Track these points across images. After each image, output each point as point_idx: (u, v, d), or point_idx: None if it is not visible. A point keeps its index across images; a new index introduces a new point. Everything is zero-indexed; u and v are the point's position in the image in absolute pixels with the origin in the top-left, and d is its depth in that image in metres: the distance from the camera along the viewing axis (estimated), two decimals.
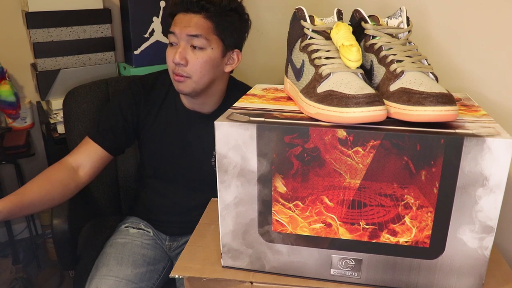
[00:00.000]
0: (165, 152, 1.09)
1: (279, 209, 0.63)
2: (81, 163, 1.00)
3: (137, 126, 1.08)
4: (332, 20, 0.69)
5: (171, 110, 1.08)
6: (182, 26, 0.96)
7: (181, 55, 0.95)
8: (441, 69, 0.73)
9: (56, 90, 1.60)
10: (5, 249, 1.88)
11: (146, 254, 1.07)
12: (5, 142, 1.59)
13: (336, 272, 0.64)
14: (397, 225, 0.60)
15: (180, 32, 0.96)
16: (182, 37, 0.96)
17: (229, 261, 0.68)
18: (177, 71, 0.97)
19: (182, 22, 0.96)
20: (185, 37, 0.95)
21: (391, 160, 0.57)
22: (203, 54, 0.96)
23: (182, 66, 0.96)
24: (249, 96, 0.75)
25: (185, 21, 0.96)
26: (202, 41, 0.96)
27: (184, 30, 0.95)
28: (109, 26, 1.65)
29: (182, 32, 0.95)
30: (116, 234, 1.13)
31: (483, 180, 0.55)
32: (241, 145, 0.61)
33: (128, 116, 1.06)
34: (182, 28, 0.95)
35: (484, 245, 0.58)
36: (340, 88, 0.58)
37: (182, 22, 0.96)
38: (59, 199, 0.96)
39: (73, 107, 1.24)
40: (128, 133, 1.07)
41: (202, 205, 0.88)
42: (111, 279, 0.98)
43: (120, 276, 0.99)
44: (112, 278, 0.98)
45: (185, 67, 0.96)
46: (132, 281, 0.99)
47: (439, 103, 0.55)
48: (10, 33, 1.71)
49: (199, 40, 0.95)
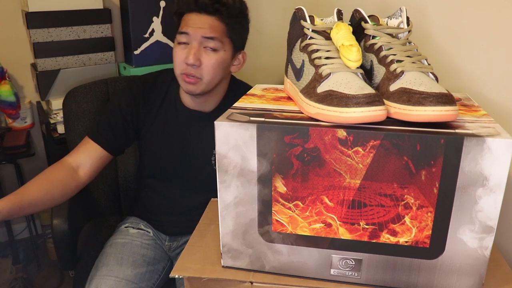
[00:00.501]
0: (165, 152, 1.09)
1: (279, 209, 0.63)
2: (81, 163, 1.00)
3: (137, 126, 1.08)
4: (332, 20, 0.69)
5: (171, 110, 1.08)
6: (196, 27, 0.95)
7: (195, 56, 0.95)
8: (441, 69, 0.73)
9: (56, 90, 1.60)
10: (5, 249, 1.88)
11: (146, 254, 1.07)
12: (5, 142, 1.59)
13: (336, 272, 0.64)
14: (397, 225, 0.60)
15: (194, 33, 0.95)
16: (196, 38, 0.95)
17: (229, 261, 0.68)
18: (189, 72, 0.96)
19: (196, 23, 0.95)
20: (199, 38, 0.95)
21: (391, 160, 0.57)
22: (216, 55, 0.97)
23: (195, 67, 0.96)
24: (249, 96, 0.75)
25: (199, 22, 0.95)
26: (216, 43, 0.96)
27: (198, 31, 0.95)
28: (109, 26, 1.65)
29: (197, 33, 0.95)
30: (116, 234, 1.13)
31: (483, 180, 0.55)
32: (241, 145, 0.61)
33: (128, 116, 1.06)
34: (196, 29, 0.95)
35: (484, 245, 0.58)
36: (340, 88, 0.58)
37: (196, 23, 0.95)
38: (59, 199, 0.96)
39: (73, 107, 1.24)
40: (128, 133, 1.07)
41: (202, 204, 0.88)
42: (111, 279, 0.98)
43: (120, 276, 0.99)
44: (112, 278, 0.98)
45: (198, 68, 0.96)
46: (132, 281, 0.99)
47: (439, 103, 0.55)
48: (10, 33, 1.71)
49: (214, 42, 0.96)
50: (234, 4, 0.97)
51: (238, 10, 0.99)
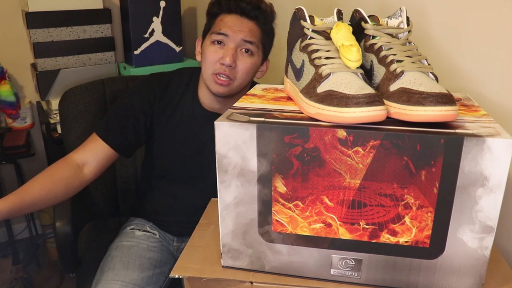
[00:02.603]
0: (179, 153, 1.08)
1: (279, 209, 0.63)
2: (87, 161, 0.99)
3: (150, 126, 1.07)
4: (332, 20, 0.69)
5: (187, 110, 1.07)
6: (236, 29, 0.96)
7: (233, 57, 0.96)
8: (441, 69, 0.73)
9: (56, 90, 1.60)
10: (5, 249, 1.88)
11: (152, 257, 1.06)
12: (5, 142, 1.59)
13: (336, 272, 0.64)
14: (397, 225, 0.60)
15: (234, 35, 0.96)
16: (235, 40, 0.96)
17: (229, 261, 0.68)
18: (224, 72, 0.97)
19: (236, 25, 0.96)
20: (238, 40, 0.96)
21: (391, 160, 0.57)
22: (251, 60, 0.98)
23: (230, 69, 0.97)
24: (249, 96, 0.75)
25: (239, 24, 0.97)
26: (254, 48, 0.98)
27: (239, 33, 0.96)
28: (109, 26, 1.66)
29: (237, 35, 0.96)
30: (121, 236, 1.11)
31: (483, 180, 0.55)
32: (241, 145, 0.61)
33: (141, 116, 1.04)
34: (237, 31, 0.96)
35: (484, 245, 0.58)
36: (340, 88, 0.58)
37: (236, 25, 0.96)
38: (62, 197, 0.95)
39: (70, 108, 1.23)
40: (138, 133, 1.05)
41: None
42: (117, 283, 0.96)
43: (127, 281, 0.97)
44: (118, 282, 0.96)
45: (232, 70, 0.97)
46: (139, 285, 0.98)
47: (439, 103, 0.55)
48: (10, 33, 1.72)
49: (252, 46, 0.97)
50: (271, 12, 1.01)
51: (272, 18, 1.02)
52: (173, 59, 1.76)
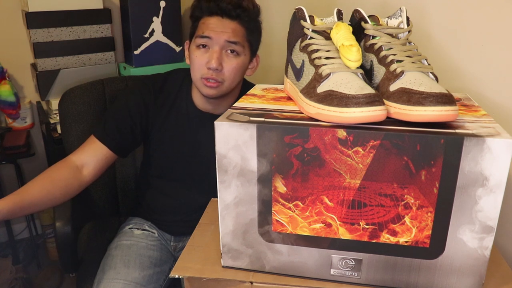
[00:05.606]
0: (175, 152, 1.09)
1: (279, 209, 0.63)
2: (86, 162, 1.00)
3: (146, 127, 1.07)
4: (332, 20, 0.69)
5: (182, 111, 1.07)
6: (218, 31, 0.95)
7: (218, 60, 0.95)
8: (441, 69, 0.73)
9: (56, 90, 1.60)
10: (5, 249, 1.88)
11: (152, 256, 1.07)
12: (5, 142, 1.59)
13: (336, 272, 0.64)
14: (397, 225, 0.60)
15: (217, 37, 0.95)
16: (219, 42, 0.95)
17: (229, 261, 0.68)
18: (211, 76, 0.96)
19: (218, 27, 0.95)
20: (222, 42, 0.95)
21: (391, 160, 0.57)
22: (238, 60, 0.98)
23: (217, 72, 0.96)
24: (249, 96, 0.75)
25: (221, 26, 0.96)
26: (239, 48, 0.97)
27: (222, 35, 0.95)
28: (109, 26, 1.66)
29: (220, 37, 0.95)
30: (120, 235, 1.12)
31: (483, 180, 0.55)
32: (241, 145, 0.61)
33: (137, 118, 1.05)
34: (219, 33, 0.95)
35: (484, 245, 0.58)
36: (340, 88, 0.58)
37: (218, 27, 0.95)
38: (61, 198, 0.95)
39: (70, 108, 1.23)
40: (135, 134, 1.06)
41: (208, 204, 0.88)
42: (119, 282, 0.96)
43: (128, 279, 0.97)
44: (120, 281, 0.97)
45: (220, 72, 0.97)
46: (140, 283, 0.98)
47: (439, 103, 0.55)
48: (10, 33, 1.72)
49: (237, 46, 0.96)
50: (253, 8, 0.99)
51: (256, 15, 1.01)
52: (173, 59, 1.76)
